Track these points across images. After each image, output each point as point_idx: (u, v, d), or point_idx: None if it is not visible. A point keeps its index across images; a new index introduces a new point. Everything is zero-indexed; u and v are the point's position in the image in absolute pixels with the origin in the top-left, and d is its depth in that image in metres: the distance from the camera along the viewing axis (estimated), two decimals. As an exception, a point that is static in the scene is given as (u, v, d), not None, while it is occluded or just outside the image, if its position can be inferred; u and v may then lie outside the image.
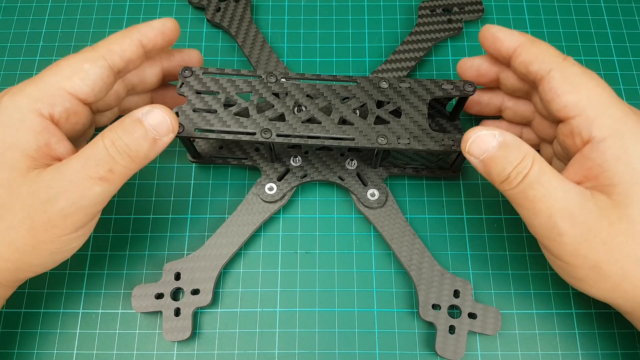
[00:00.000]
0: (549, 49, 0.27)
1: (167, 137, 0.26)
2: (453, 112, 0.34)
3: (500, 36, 0.28)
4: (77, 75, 0.25)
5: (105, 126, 0.34)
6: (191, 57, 0.31)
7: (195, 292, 0.30)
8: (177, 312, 0.29)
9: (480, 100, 0.33)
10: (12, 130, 0.24)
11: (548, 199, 0.24)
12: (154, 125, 0.25)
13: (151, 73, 0.31)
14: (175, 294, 0.30)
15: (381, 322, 0.31)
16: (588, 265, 0.24)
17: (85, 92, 0.26)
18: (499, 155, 0.24)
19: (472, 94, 0.29)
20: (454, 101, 0.34)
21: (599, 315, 0.31)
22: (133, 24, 0.38)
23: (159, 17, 0.38)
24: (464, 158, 0.30)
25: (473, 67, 0.31)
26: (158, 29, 0.28)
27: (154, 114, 0.25)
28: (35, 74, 0.36)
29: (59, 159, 0.25)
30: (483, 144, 0.25)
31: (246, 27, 0.37)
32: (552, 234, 0.24)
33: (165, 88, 0.33)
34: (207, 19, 0.37)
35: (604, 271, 0.24)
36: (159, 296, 0.29)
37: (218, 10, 0.37)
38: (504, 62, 0.28)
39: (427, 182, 0.34)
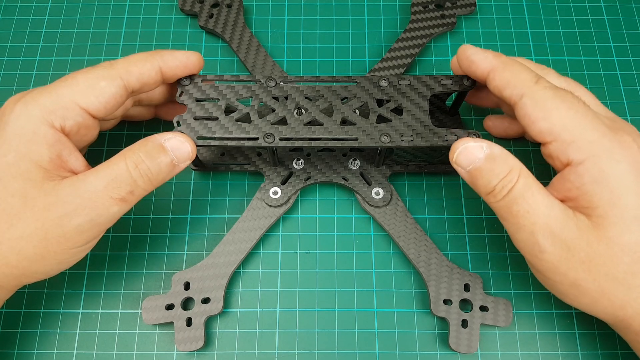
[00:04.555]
0: (521, 72, 0.26)
1: (184, 164, 0.27)
2: (452, 107, 0.34)
3: (474, 59, 0.27)
4: (92, 92, 0.26)
5: (106, 131, 0.34)
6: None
7: (206, 300, 0.30)
8: (189, 322, 0.29)
9: (479, 95, 0.33)
10: (25, 141, 0.24)
11: (531, 215, 0.24)
12: (174, 151, 0.26)
13: (159, 90, 0.31)
14: (186, 304, 0.30)
15: (381, 322, 0.31)
16: (567, 282, 0.24)
17: (98, 109, 0.26)
18: (485, 168, 0.25)
19: (472, 88, 0.29)
20: (453, 96, 0.34)
21: (599, 315, 0.31)
22: (133, 24, 0.38)
23: (159, 17, 0.39)
24: None
25: (460, 71, 0.31)
26: (181, 61, 0.28)
27: (175, 141, 0.26)
28: (35, 74, 0.37)
29: (71, 171, 0.25)
30: (470, 155, 0.25)
31: (240, 32, 0.37)
32: (534, 250, 0.24)
33: (169, 103, 0.33)
34: (200, 26, 0.37)
35: (582, 288, 0.24)
36: (170, 307, 0.29)
37: (211, 16, 0.37)
38: (482, 83, 0.28)
39: (427, 182, 0.34)
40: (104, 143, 0.35)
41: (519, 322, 0.30)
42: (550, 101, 0.25)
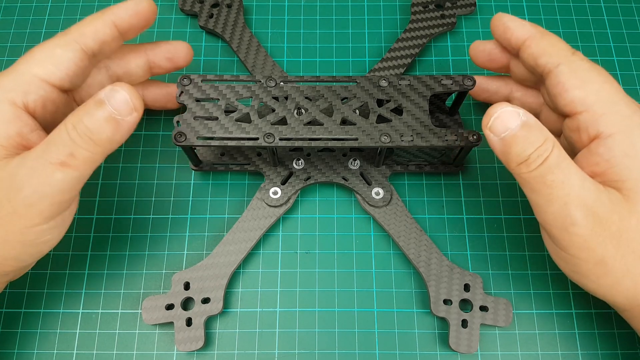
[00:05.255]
0: (558, 42, 0.26)
1: (131, 117, 0.24)
2: (452, 107, 0.34)
3: (511, 26, 0.27)
4: (49, 61, 0.25)
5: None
6: (177, 49, 0.31)
7: (206, 300, 0.30)
8: (189, 322, 0.29)
9: (488, 88, 0.32)
10: None
11: (566, 185, 0.23)
12: (116, 106, 0.23)
13: (136, 64, 0.30)
14: (186, 304, 0.30)
15: (381, 322, 0.31)
16: (594, 259, 0.24)
17: (60, 78, 0.25)
18: (521, 135, 0.23)
19: (472, 89, 0.29)
20: (453, 96, 0.34)
21: (599, 315, 0.31)
22: (133, 24, 0.38)
23: (159, 17, 0.39)
24: (467, 151, 0.30)
25: (485, 51, 0.30)
26: (132, 9, 0.27)
27: (116, 93, 0.23)
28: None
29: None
30: (507, 121, 0.23)
31: (240, 32, 0.37)
32: (565, 223, 0.23)
33: (153, 83, 0.33)
34: (200, 26, 0.37)
35: (608, 266, 0.23)
36: (170, 307, 0.29)
37: (211, 16, 0.37)
38: (513, 52, 0.28)
39: (427, 182, 0.34)
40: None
41: (519, 322, 0.30)
42: (586, 72, 0.25)
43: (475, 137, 0.28)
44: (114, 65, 0.30)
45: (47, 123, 0.26)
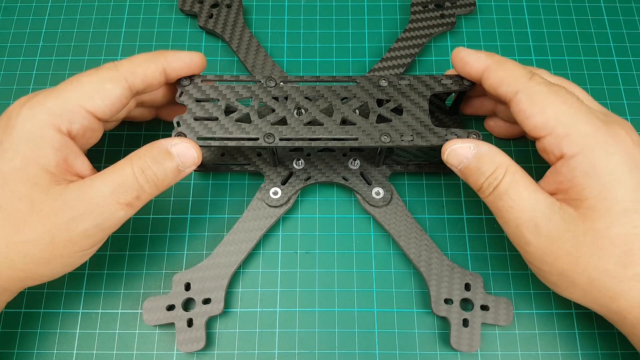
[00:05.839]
0: (515, 69, 0.27)
1: (190, 169, 0.27)
2: (452, 107, 0.34)
3: (468, 60, 0.28)
4: (97, 95, 0.26)
5: (107, 132, 0.34)
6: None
7: (207, 301, 0.30)
8: (190, 323, 0.29)
9: (473, 104, 0.33)
10: (32, 145, 0.24)
11: (515, 210, 0.25)
12: (183, 160, 0.26)
13: (162, 92, 0.31)
14: (187, 305, 0.30)
15: (381, 322, 0.31)
16: (556, 272, 0.25)
17: (103, 111, 0.26)
18: (473, 166, 0.26)
19: (472, 88, 0.29)
20: (452, 95, 0.34)
21: (599, 315, 0.30)
22: (133, 24, 0.38)
23: (159, 18, 0.39)
24: None
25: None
26: (185, 62, 0.28)
27: (182, 146, 0.26)
28: (35, 74, 0.37)
29: (77, 175, 0.26)
30: (459, 155, 0.26)
31: (240, 32, 0.37)
32: (520, 242, 0.25)
33: (170, 104, 0.33)
34: (200, 26, 0.37)
35: (571, 279, 0.25)
36: (170, 308, 0.29)
37: (210, 16, 0.37)
38: (478, 83, 0.29)
39: (427, 182, 0.34)
40: (104, 143, 0.35)
41: (519, 322, 0.30)
42: (544, 96, 0.25)
43: (475, 137, 0.28)
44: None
45: (82, 147, 0.27)
